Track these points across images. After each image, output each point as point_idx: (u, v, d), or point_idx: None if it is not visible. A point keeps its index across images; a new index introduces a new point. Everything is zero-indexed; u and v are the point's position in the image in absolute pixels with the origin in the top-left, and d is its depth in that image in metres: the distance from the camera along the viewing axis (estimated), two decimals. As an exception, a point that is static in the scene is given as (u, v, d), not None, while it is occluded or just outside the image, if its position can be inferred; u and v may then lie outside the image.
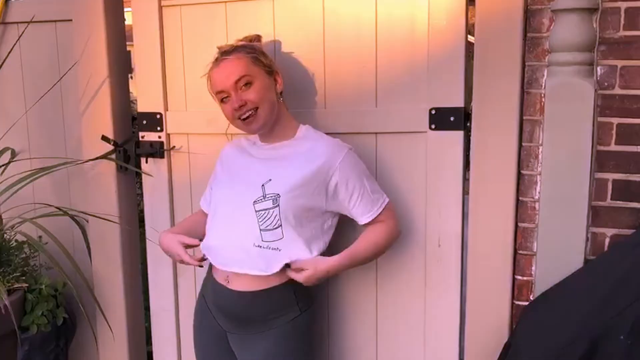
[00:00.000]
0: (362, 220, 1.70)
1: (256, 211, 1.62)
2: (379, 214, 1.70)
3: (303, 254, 1.63)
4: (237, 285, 1.66)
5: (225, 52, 1.68)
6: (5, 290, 1.81)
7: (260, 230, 1.62)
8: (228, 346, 1.74)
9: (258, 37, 1.80)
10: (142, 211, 2.25)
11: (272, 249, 1.62)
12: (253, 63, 1.66)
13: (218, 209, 1.73)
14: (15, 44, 2.20)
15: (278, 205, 1.61)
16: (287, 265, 1.62)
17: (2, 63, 2.17)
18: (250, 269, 1.62)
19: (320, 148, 1.68)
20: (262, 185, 1.64)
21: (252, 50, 1.69)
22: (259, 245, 1.62)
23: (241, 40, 1.75)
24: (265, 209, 1.62)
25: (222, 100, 1.68)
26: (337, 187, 1.66)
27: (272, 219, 1.61)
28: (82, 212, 2.13)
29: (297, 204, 1.62)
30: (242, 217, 1.64)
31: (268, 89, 1.68)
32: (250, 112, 1.65)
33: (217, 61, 1.68)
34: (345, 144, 1.71)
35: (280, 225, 1.61)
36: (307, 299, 1.71)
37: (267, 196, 1.63)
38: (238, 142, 1.84)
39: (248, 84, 1.64)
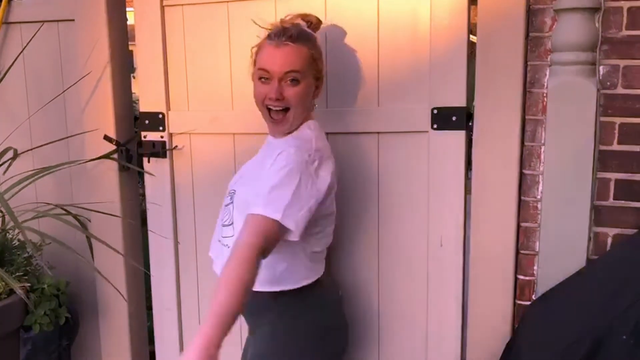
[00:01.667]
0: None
1: (223, 206, 1.64)
2: (255, 215, 1.40)
3: None
4: None
5: (291, 37, 1.51)
6: (17, 285, 1.79)
7: (222, 225, 1.62)
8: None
9: (319, 22, 1.66)
10: (144, 211, 2.25)
11: (224, 245, 1.59)
12: (309, 62, 1.54)
13: None
14: (23, 49, 2.20)
15: (232, 202, 1.60)
16: None
17: (10, 66, 2.17)
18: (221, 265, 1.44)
19: (282, 143, 1.54)
20: (236, 181, 1.65)
21: (314, 47, 1.57)
22: (219, 240, 1.63)
23: (301, 18, 1.61)
24: (227, 204, 1.62)
25: (259, 78, 1.55)
26: None
27: (229, 215, 1.60)
28: (84, 209, 2.12)
29: (241, 200, 1.56)
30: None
31: (308, 94, 1.57)
32: (280, 109, 1.53)
33: (278, 39, 1.51)
34: (305, 151, 1.49)
35: (232, 222, 1.58)
36: (291, 304, 1.58)
37: (230, 192, 1.64)
38: None
39: (294, 81, 1.52)
